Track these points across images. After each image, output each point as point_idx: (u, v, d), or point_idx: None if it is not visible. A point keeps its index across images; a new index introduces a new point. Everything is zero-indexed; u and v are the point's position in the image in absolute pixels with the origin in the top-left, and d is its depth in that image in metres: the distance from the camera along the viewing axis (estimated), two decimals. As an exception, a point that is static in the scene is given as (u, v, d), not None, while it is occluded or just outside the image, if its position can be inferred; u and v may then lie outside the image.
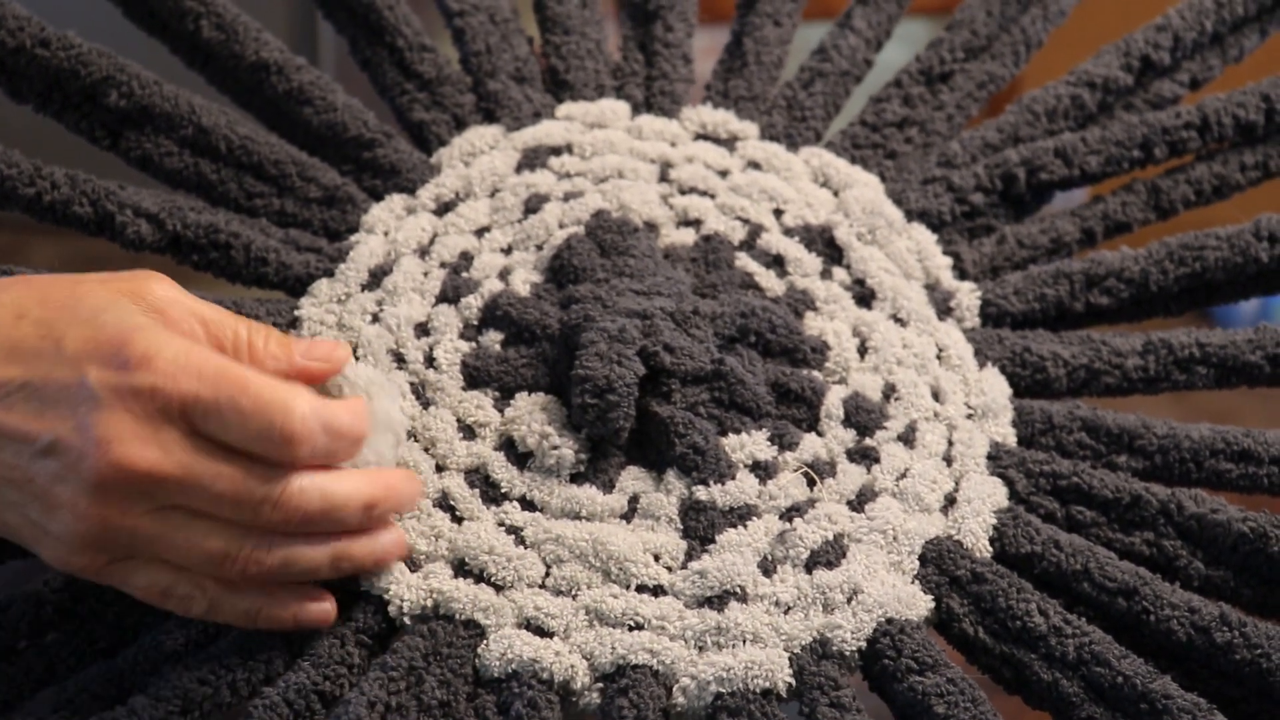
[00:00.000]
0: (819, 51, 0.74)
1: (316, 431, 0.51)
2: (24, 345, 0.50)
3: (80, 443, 0.49)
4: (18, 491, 0.50)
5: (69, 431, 0.49)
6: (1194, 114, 0.70)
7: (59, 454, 0.49)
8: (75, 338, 0.50)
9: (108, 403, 0.49)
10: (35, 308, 0.51)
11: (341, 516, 0.52)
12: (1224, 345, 0.64)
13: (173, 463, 0.49)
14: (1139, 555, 0.58)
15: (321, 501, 0.51)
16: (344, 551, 0.53)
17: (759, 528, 0.57)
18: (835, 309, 0.65)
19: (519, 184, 0.68)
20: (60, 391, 0.49)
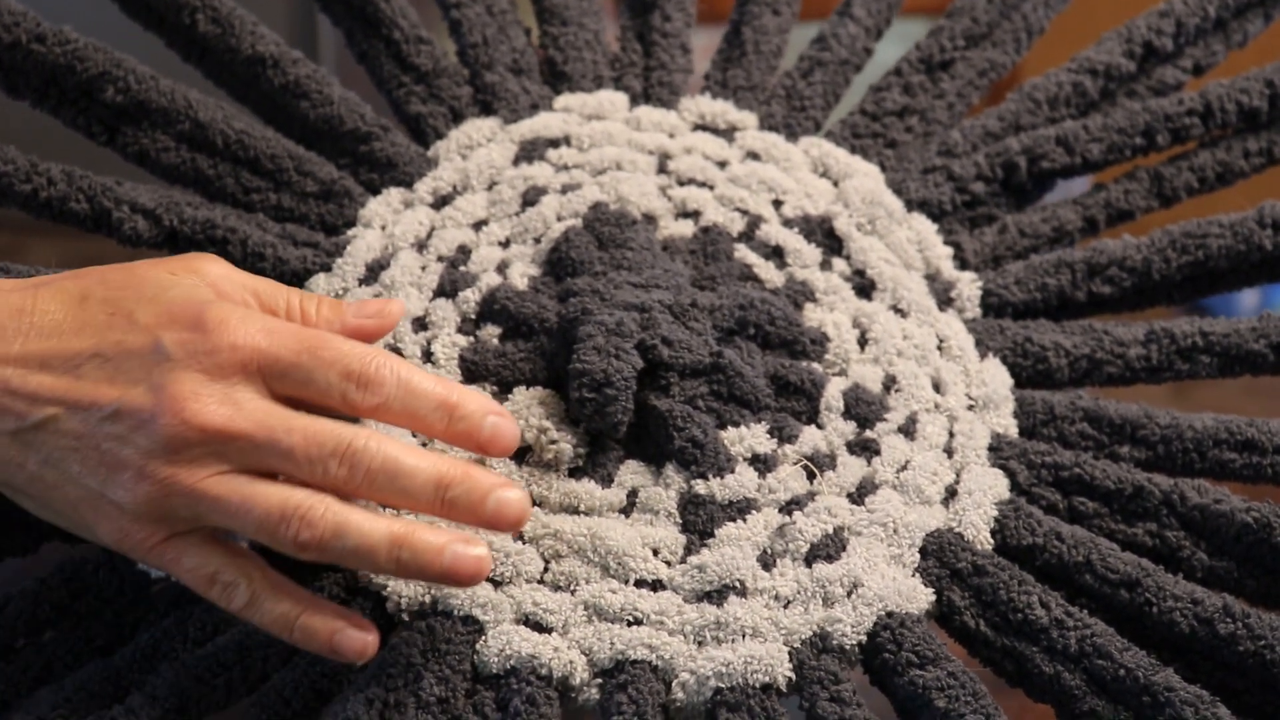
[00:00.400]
0: (818, 40, 0.74)
1: (391, 381, 0.50)
2: (93, 321, 0.51)
3: (152, 402, 0.49)
4: (81, 461, 0.50)
5: (141, 393, 0.49)
6: (1197, 100, 0.69)
7: (128, 416, 0.49)
8: (147, 311, 0.51)
9: (182, 362, 0.49)
10: (97, 288, 0.52)
11: (409, 485, 0.50)
12: (1227, 334, 0.63)
13: (246, 418, 0.49)
14: (1141, 546, 0.58)
15: (386, 461, 0.50)
16: (404, 536, 0.50)
17: (758, 521, 0.57)
18: (835, 300, 0.65)
19: (517, 176, 0.68)
20: (133, 357, 0.50)
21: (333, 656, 0.51)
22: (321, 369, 0.50)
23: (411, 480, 0.50)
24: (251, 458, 0.50)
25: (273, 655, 0.53)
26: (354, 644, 0.51)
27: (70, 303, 0.51)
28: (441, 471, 0.50)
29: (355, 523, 0.50)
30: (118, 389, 0.49)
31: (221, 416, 0.49)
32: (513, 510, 0.51)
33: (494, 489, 0.51)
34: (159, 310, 0.51)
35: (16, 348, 0.50)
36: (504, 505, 0.51)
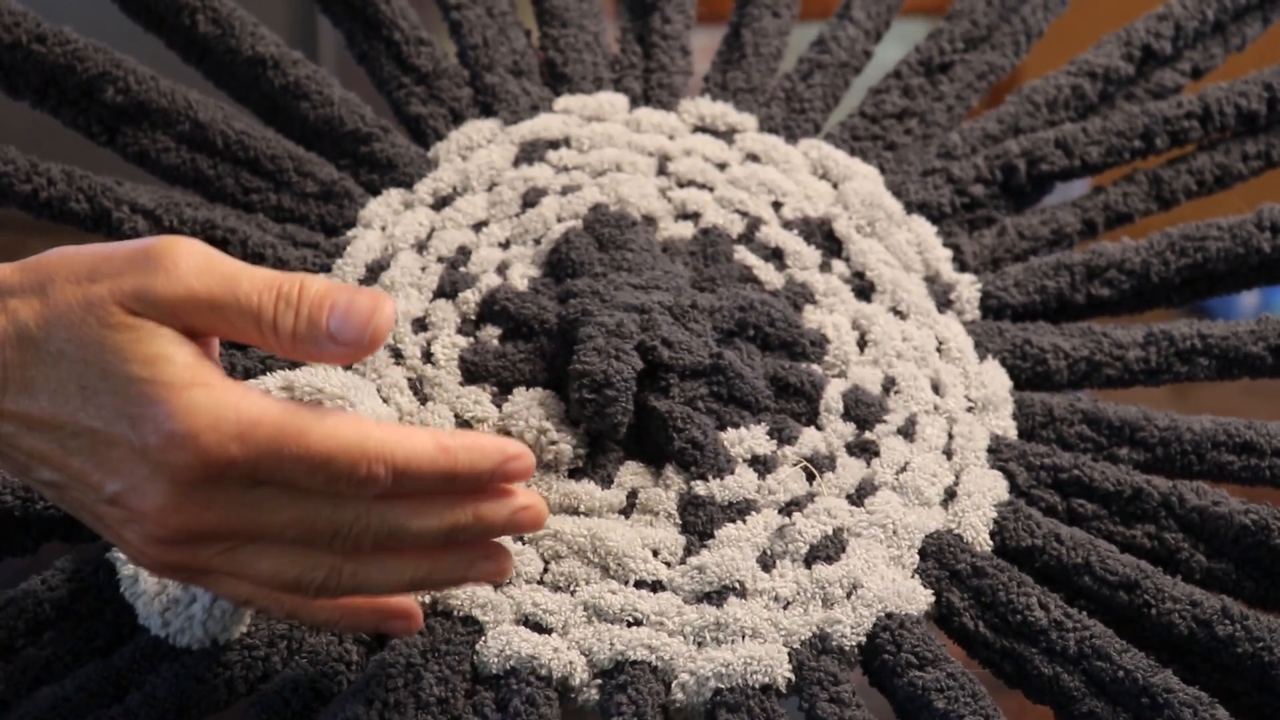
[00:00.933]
0: (818, 43, 0.74)
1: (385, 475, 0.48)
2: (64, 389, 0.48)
3: (139, 504, 0.47)
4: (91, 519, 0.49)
5: (126, 492, 0.48)
6: (1196, 103, 0.69)
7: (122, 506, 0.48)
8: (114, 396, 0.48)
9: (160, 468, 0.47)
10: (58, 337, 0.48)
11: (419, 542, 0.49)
12: (1226, 336, 0.64)
13: (235, 519, 0.47)
14: (1140, 548, 0.58)
15: (393, 533, 0.48)
16: (425, 577, 0.49)
17: (758, 522, 0.57)
18: (834, 302, 0.65)
19: (517, 178, 0.68)
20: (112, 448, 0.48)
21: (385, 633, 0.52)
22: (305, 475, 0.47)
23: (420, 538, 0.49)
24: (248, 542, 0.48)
25: (273, 655, 0.53)
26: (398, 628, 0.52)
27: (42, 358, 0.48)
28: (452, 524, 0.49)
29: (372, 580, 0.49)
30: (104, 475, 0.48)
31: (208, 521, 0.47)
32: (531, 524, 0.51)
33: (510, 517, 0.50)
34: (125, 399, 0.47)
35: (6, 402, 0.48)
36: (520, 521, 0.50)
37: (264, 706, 0.52)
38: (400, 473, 0.47)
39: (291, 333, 0.48)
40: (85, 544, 0.57)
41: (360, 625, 0.51)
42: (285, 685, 0.52)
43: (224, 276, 0.48)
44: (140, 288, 0.48)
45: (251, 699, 0.52)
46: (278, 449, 0.47)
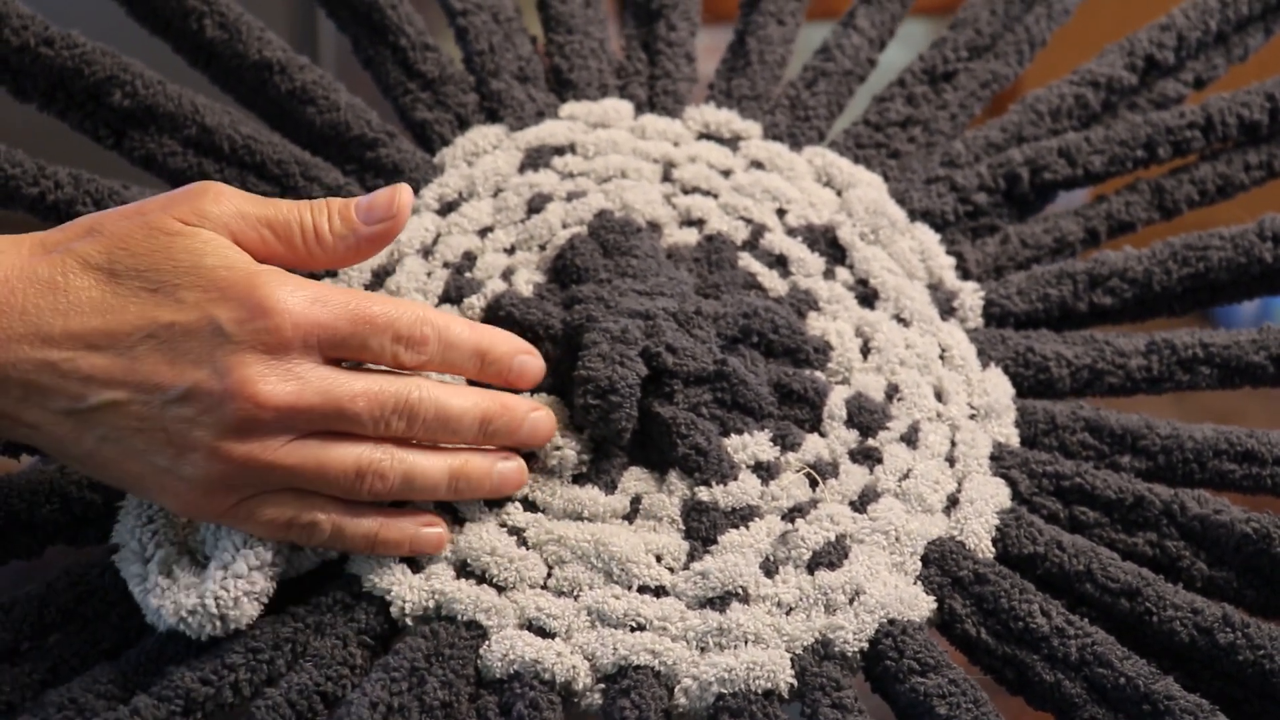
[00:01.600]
0: (822, 51, 0.74)
1: (434, 338, 0.55)
2: (135, 299, 0.51)
3: (220, 386, 0.50)
4: (146, 439, 0.51)
5: (206, 376, 0.51)
6: (1198, 113, 0.70)
7: (195, 399, 0.51)
8: (190, 287, 0.51)
9: (244, 344, 0.51)
10: (124, 257, 0.52)
11: (459, 427, 0.55)
12: (1227, 345, 0.64)
13: (313, 392, 0.52)
14: (1142, 556, 0.58)
15: (438, 408, 0.54)
16: (461, 469, 0.55)
17: (761, 528, 0.57)
18: (838, 309, 0.65)
19: (522, 184, 0.68)
20: (190, 337, 0.51)
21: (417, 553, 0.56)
22: (375, 335, 0.53)
23: (460, 421, 0.55)
24: (320, 424, 0.53)
25: (278, 659, 0.53)
26: (429, 540, 0.56)
27: (101, 278, 0.51)
28: (484, 409, 0.56)
29: (420, 466, 0.55)
30: (178, 370, 0.50)
31: (289, 393, 0.51)
32: (544, 429, 0.58)
33: (528, 414, 0.57)
34: (204, 285, 0.51)
35: (59, 327, 0.50)
36: (537, 425, 0.57)
37: (269, 710, 0.52)
38: (444, 339, 0.55)
39: (330, 231, 0.55)
40: (90, 547, 0.57)
41: (395, 539, 0.55)
42: (290, 688, 0.52)
43: (263, 202, 0.55)
44: (195, 208, 0.53)
45: (257, 702, 0.52)
46: (351, 312, 0.53)
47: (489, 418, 0.56)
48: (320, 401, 0.52)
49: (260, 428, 0.51)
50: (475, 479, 0.56)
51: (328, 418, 0.52)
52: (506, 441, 0.57)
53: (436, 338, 0.55)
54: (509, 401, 0.57)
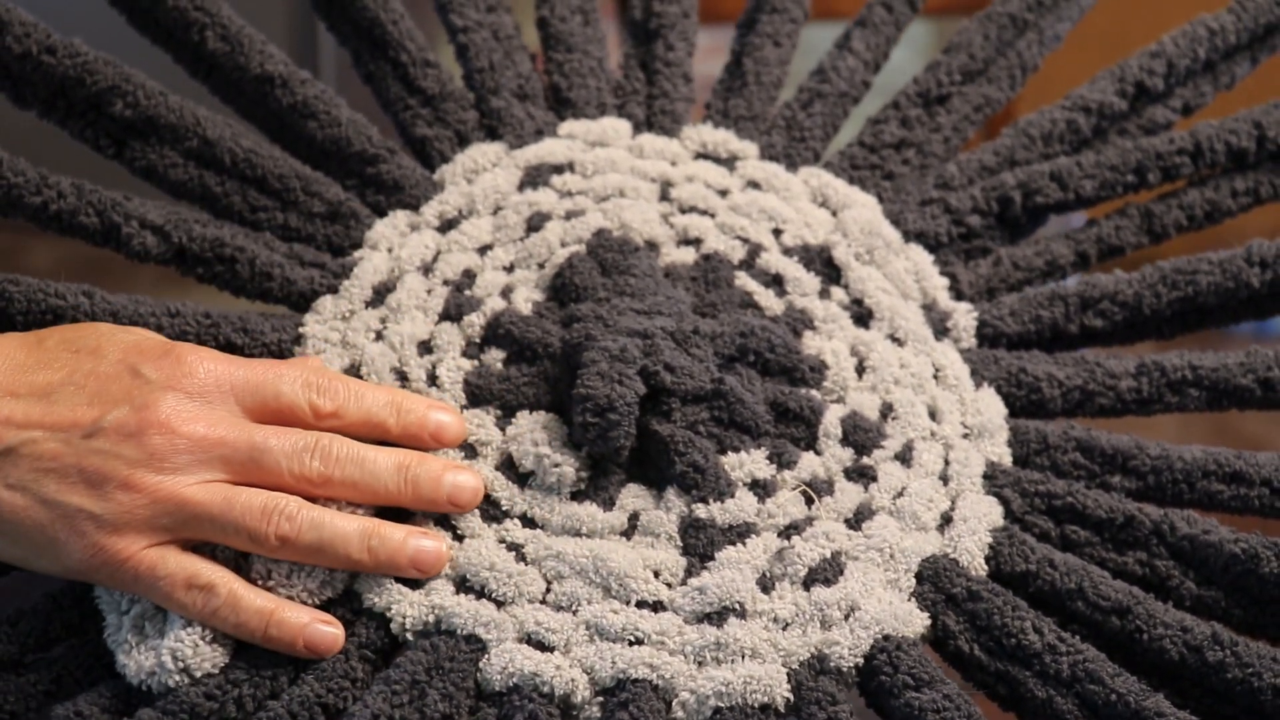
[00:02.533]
0: (818, 73, 0.75)
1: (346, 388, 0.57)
2: (58, 358, 0.54)
3: (137, 418, 0.52)
4: (59, 480, 0.52)
5: (125, 411, 0.52)
6: (1187, 140, 0.71)
7: (113, 432, 0.52)
8: (112, 347, 0.54)
9: (162, 385, 0.54)
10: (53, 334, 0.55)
11: (374, 472, 0.55)
12: (1215, 368, 0.65)
13: (226, 428, 0.54)
14: (1132, 575, 0.59)
15: (354, 453, 0.55)
16: (376, 529, 0.55)
17: (758, 545, 0.58)
18: (833, 328, 0.66)
19: (521, 202, 0.68)
20: (111, 381, 0.54)
21: (305, 653, 0.54)
22: (288, 382, 0.56)
23: (376, 466, 0.55)
24: (233, 467, 0.54)
25: (280, 675, 0.54)
26: (324, 637, 0.54)
27: (28, 343, 0.55)
28: (400, 458, 0.56)
29: (330, 517, 0.54)
30: (98, 409, 0.53)
31: (204, 426, 0.53)
32: (467, 489, 0.57)
33: (447, 469, 0.57)
34: (125, 346, 0.55)
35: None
36: (460, 483, 0.57)
37: (272, 722, 0.52)
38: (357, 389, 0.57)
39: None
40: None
41: (289, 624, 0.53)
42: (292, 701, 0.53)
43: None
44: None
45: (259, 715, 0.52)
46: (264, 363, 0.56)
47: (406, 464, 0.56)
48: (234, 437, 0.54)
49: (174, 460, 0.53)
50: (389, 542, 0.55)
51: (240, 454, 0.54)
52: (428, 490, 0.56)
53: (348, 387, 0.57)
54: (428, 456, 0.57)
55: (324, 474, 0.54)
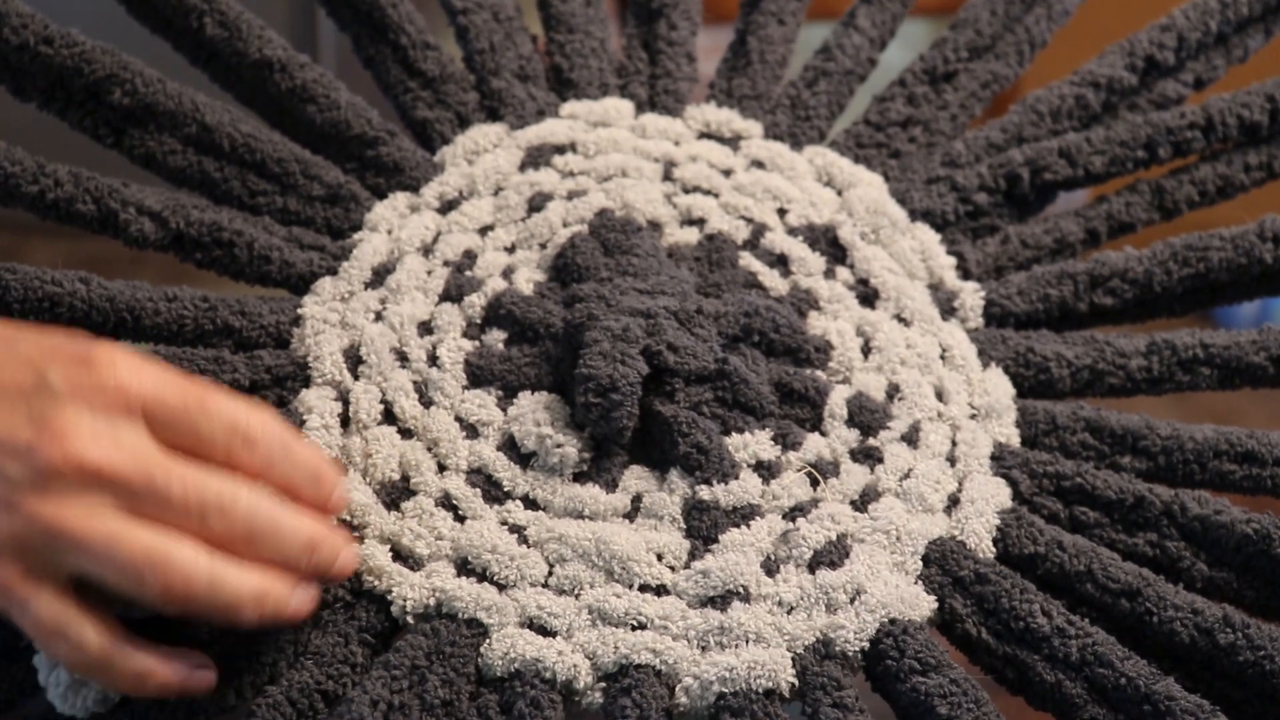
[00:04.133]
0: (823, 50, 0.74)
1: (275, 440, 0.50)
2: None
3: (30, 434, 0.47)
4: None
5: (19, 422, 0.47)
6: (1198, 114, 0.70)
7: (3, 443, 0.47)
8: (29, 345, 0.48)
9: (68, 397, 0.47)
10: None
11: (285, 542, 0.50)
12: (1228, 346, 0.64)
13: (126, 458, 0.47)
14: (1142, 556, 0.58)
15: (269, 517, 0.50)
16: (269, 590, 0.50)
17: (762, 527, 0.57)
18: (839, 308, 0.65)
19: (523, 182, 0.68)
20: (13, 390, 0.47)
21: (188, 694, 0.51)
22: (208, 420, 0.49)
23: (288, 536, 0.50)
24: (127, 500, 0.48)
25: (280, 660, 0.53)
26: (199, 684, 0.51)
27: None
28: (311, 535, 0.51)
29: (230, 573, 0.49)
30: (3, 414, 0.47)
31: (101, 453, 0.47)
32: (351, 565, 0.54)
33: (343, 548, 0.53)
34: (44, 346, 0.48)
35: None
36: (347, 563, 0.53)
37: (270, 708, 0.52)
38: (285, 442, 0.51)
39: None
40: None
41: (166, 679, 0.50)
42: (291, 687, 0.52)
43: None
44: None
45: (257, 700, 0.52)
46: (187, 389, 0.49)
47: (317, 543, 0.51)
48: (131, 470, 0.47)
49: (62, 484, 0.47)
50: (279, 604, 0.50)
51: (136, 492, 0.47)
52: (322, 572, 0.52)
53: (277, 441, 0.50)
54: (335, 535, 0.52)
55: (226, 533, 0.49)
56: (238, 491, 0.49)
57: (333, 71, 0.71)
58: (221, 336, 0.62)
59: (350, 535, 0.55)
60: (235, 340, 0.62)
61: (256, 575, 0.49)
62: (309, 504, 0.52)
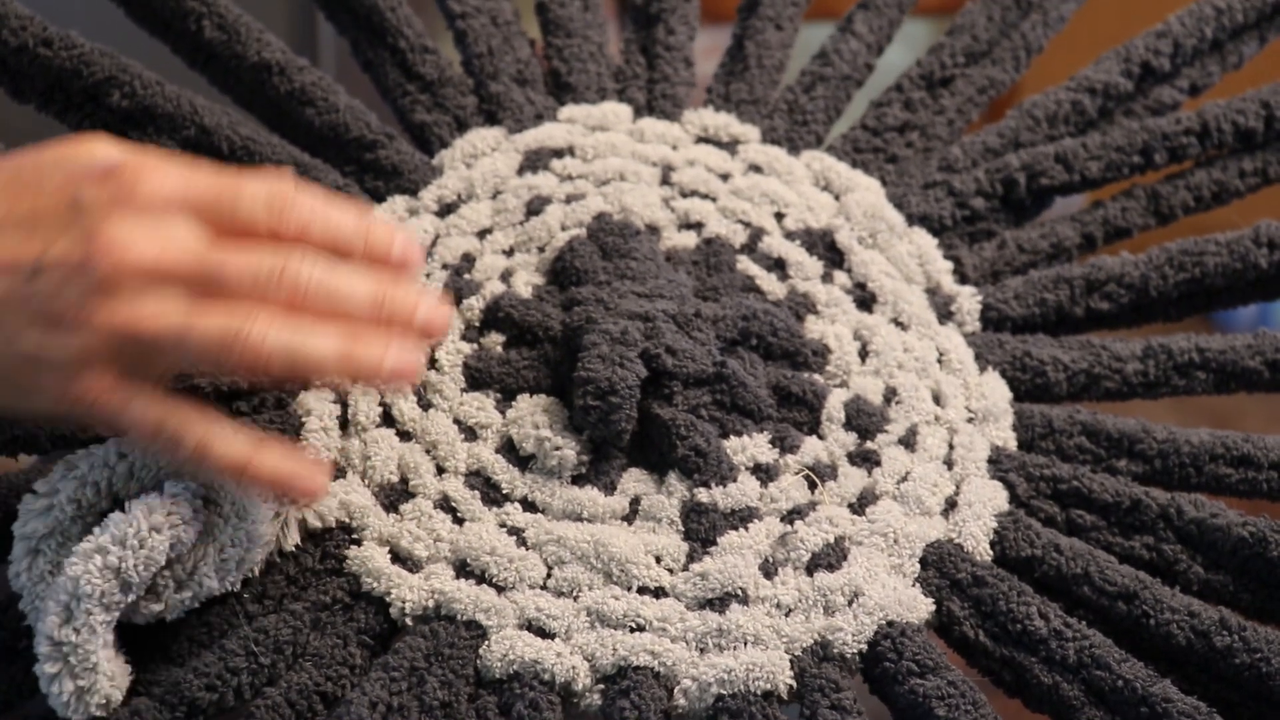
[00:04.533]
0: (820, 56, 0.74)
1: (314, 203, 0.51)
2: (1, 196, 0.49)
3: (82, 250, 0.48)
4: (12, 326, 0.49)
5: (67, 243, 0.48)
6: (1194, 120, 0.70)
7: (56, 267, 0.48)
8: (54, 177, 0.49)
9: (106, 210, 0.48)
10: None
11: (347, 298, 0.51)
12: (1223, 350, 0.64)
13: (181, 252, 0.49)
14: (1139, 559, 0.58)
15: (325, 273, 0.50)
16: (351, 349, 0.50)
17: (760, 530, 0.57)
18: (836, 312, 0.66)
19: (521, 186, 0.68)
20: (50, 214, 0.49)
21: (284, 495, 0.52)
22: (244, 201, 0.50)
23: (349, 296, 0.51)
24: (189, 290, 0.49)
25: (279, 662, 0.53)
26: (304, 481, 0.51)
27: None
28: (375, 289, 0.51)
29: (299, 338, 0.50)
30: (38, 245, 0.48)
31: (152, 252, 0.48)
32: (441, 314, 0.53)
33: (421, 298, 0.52)
34: (66, 174, 0.49)
35: None
36: (433, 309, 0.53)
37: (269, 710, 0.52)
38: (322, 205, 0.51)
39: None
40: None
41: (270, 471, 0.51)
42: (290, 688, 0.52)
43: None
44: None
45: (256, 702, 0.52)
46: (220, 176, 0.50)
47: (382, 295, 0.51)
48: (186, 260, 0.49)
49: (123, 290, 0.48)
50: (369, 359, 0.51)
51: (195, 280, 0.49)
52: (402, 316, 0.52)
53: (316, 204, 0.51)
54: (399, 285, 0.52)
55: (291, 302, 0.50)
56: (289, 260, 0.50)
57: (332, 75, 0.72)
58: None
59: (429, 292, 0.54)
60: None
61: (334, 336, 0.50)
62: (368, 261, 0.52)
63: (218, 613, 0.54)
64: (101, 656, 0.50)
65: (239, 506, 0.53)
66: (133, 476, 0.53)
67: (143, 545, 0.50)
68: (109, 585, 0.50)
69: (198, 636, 0.54)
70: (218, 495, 0.53)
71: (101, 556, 0.50)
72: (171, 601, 0.52)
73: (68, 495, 0.52)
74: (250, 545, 0.53)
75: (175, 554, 0.51)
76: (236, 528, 0.53)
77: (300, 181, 0.51)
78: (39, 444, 0.59)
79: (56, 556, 0.52)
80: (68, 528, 0.52)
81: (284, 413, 0.60)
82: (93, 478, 0.53)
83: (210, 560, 0.53)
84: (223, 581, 0.53)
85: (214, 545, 0.53)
